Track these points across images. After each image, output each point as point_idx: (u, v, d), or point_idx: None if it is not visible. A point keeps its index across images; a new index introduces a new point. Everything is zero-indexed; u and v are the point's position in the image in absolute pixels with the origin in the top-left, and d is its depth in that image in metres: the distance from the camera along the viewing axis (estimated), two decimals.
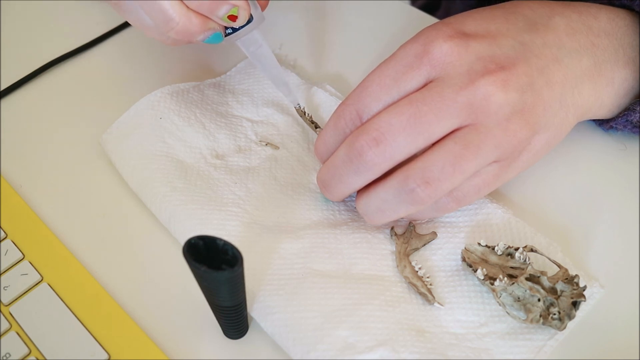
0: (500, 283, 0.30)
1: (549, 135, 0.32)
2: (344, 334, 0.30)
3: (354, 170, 0.31)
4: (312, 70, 0.45)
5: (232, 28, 0.35)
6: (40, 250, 0.35)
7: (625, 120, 0.36)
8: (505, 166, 0.32)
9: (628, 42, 0.35)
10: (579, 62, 0.33)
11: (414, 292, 0.32)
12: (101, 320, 0.32)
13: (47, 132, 0.41)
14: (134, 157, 0.37)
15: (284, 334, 0.30)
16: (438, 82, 0.30)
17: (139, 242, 0.36)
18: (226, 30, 0.35)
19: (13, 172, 0.39)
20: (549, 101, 0.32)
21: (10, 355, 0.30)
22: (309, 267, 0.33)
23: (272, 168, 0.38)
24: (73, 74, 0.45)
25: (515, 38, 0.32)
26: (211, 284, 0.26)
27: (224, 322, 0.30)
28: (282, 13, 0.49)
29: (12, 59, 0.46)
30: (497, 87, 0.30)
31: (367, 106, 0.31)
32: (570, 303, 0.30)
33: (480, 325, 0.31)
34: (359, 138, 0.30)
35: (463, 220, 0.35)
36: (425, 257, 0.34)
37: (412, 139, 0.30)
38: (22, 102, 0.43)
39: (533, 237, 0.33)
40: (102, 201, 0.37)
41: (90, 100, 0.43)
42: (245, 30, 0.36)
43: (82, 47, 0.46)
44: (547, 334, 0.30)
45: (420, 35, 0.32)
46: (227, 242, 0.25)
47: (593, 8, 0.35)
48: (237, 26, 0.35)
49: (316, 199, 0.36)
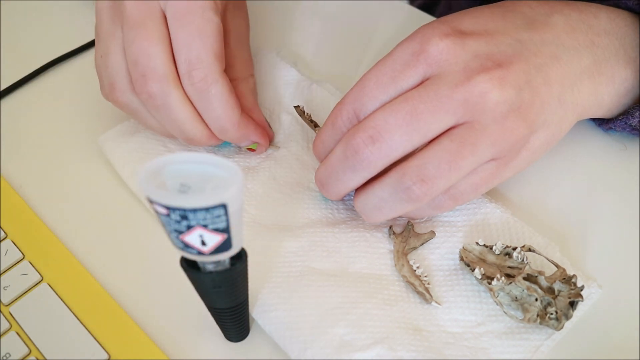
0: (497, 282, 0.30)
1: (547, 134, 0.32)
2: (341, 331, 0.30)
3: (351, 168, 0.31)
4: (312, 70, 0.45)
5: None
6: (40, 250, 0.35)
7: (624, 123, 0.36)
8: (503, 164, 0.31)
9: (628, 41, 0.34)
10: (578, 60, 0.33)
11: (411, 291, 0.32)
12: (101, 320, 0.32)
13: (47, 132, 0.42)
14: (134, 159, 0.38)
15: (281, 332, 0.30)
16: (434, 79, 0.30)
17: (139, 242, 0.36)
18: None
19: (13, 172, 0.39)
20: (547, 99, 0.31)
21: (10, 355, 0.31)
22: (307, 266, 0.33)
23: (271, 167, 0.38)
24: (73, 74, 0.45)
25: (513, 36, 0.32)
26: (206, 286, 0.26)
27: (222, 324, 0.30)
28: (282, 13, 0.49)
29: (12, 59, 0.46)
30: (493, 84, 0.30)
31: (364, 105, 0.31)
32: (567, 303, 0.30)
33: (477, 325, 0.31)
34: (355, 136, 0.30)
35: (461, 220, 0.35)
36: (423, 256, 0.34)
37: (409, 136, 0.30)
38: (22, 102, 0.43)
39: (531, 237, 0.33)
40: (102, 201, 0.38)
41: (90, 100, 0.43)
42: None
43: (82, 47, 0.46)
44: (545, 334, 0.30)
45: (417, 34, 0.31)
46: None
47: (593, 7, 0.35)
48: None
49: (315, 197, 0.37)
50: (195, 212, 0.21)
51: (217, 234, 0.22)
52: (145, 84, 0.33)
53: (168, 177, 0.22)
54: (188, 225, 0.21)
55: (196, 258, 0.24)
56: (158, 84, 0.33)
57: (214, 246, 0.23)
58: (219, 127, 0.35)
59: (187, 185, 0.21)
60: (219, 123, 0.34)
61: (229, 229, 0.22)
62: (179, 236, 0.22)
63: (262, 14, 0.49)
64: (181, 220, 0.21)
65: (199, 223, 0.21)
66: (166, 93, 0.33)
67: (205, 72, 0.33)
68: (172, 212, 0.21)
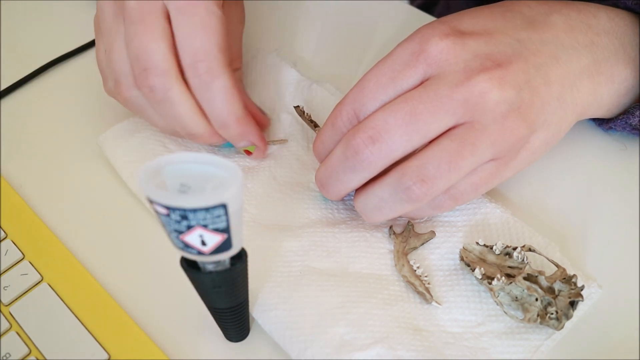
0: (498, 282, 0.30)
1: (547, 133, 0.32)
2: (341, 331, 0.30)
3: (351, 168, 0.31)
4: (312, 70, 0.45)
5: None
6: (40, 250, 0.35)
7: (624, 123, 0.36)
8: (503, 164, 0.31)
9: (628, 41, 0.34)
10: (577, 60, 0.33)
11: (411, 291, 0.32)
12: (101, 320, 0.32)
13: (46, 132, 0.42)
14: (133, 160, 0.38)
15: (281, 331, 0.30)
16: (434, 79, 0.30)
17: (139, 242, 0.36)
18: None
19: (13, 172, 0.39)
20: (547, 99, 0.31)
21: (10, 355, 0.31)
22: (307, 265, 0.33)
23: (271, 167, 0.38)
24: (73, 73, 0.45)
25: (512, 36, 0.32)
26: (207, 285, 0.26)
27: (222, 324, 0.30)
28: (282, 13, 0.49)
29: (12, 59, 0.46)
30: (493, 84, 0.30)
31: (364, 105, 0.31)
32: (567, 303, 0.30)
33: (477, 325, 0.31)
34: (355, 136, 0.30)
35: (461, 220, 0.35)
36: (423, 256, 0.34)
37: (408, 137, 0.30)
38: (22, 102, 0.43)
39: (531, 237, 0.33)
40: (102, 201, 0.38)
41: (90, 100, 0.43)
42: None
43: (82, 47, 0.46)
44: (545, 334, 0.30)
45: (416, 34, 0.32)
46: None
47: (592, 7, 0.35)
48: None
49: (315, 197, 0.37)
50: (195, 212, 0.21)
51: (217, 234, 0.22)
52: (147, 77, 0.32)
53: (168, 177, 0.22)
54: (188, 225, 0.21)
55: (196, 258, 0.24)
56: (159, 77, 0.32)
57: (214, 246, 0.23)
58: (221, 122, 0.34)
59: (187, 185, 0.21)
60: (221, 117, 0.34)
61: (229, 229, 0.22)
62: (179, 236, 0.22)
63: (262, 14, 0.49)
64: (181, 220, 0.21)
65: (199, 223, 0.21)
66: (167, 87, 0.33)
67: (211, 64, 0.33)
68: (172, 212, 0.21)
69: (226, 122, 0.34)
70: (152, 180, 0.21)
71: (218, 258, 0.24)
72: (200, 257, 0.24)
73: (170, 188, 0.22)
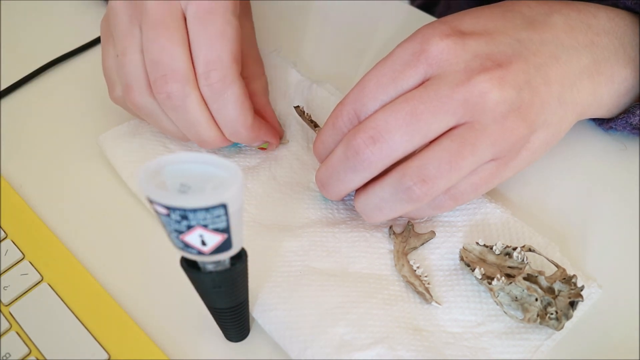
0: (497, 282, 0.30)
1: (547, 133, 0.32)
2: (341, 331, 0.30)
3: (352, 168, 0.31)
4: (312, 70, 0.45)
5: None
6: (40, 250, 0.35)
7: (625, 122, 0.36)
8: (503, 164, 0.31)
9: (628, 41, 0.34)
10: (577, 60, 0.33)
11: (411, 291, 0.32)
12: (101, 320, 0.32)
13: (46, 132, 0.42)
14: (133, 160, 0.38)
15: (281, 331, 0.30)
16: (435, 80, 0.30)
17: (139, 242, 0.36)
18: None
19: (13, 172, 0.39)
20: (547, 98, 0.32)
21: (10, 355, 0.31)
22: (307, 265, 0.33)
23: (271, 167, 0.38)
24: (73, 74, 0.45)
25: (513, 36, 0.32)
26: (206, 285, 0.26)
27: (222, 324, 0.30)
28: (282, 13, 0.49)
29: (12, 59, 0.46)
30: (493, 84, 0.30)
31: (365, 105, 0.31)
32: (567, 303, 0.30)
33: (477, 325, 0.31)
34: (355, 137, 0.30)
35: (461, 220, 0.35)
36: (423, 256, 0.34)
37: (409, 137, 0.30)
38: (22, 102, 0.44)
39: (531, 237, 0.33)
40: (102, 201, 0.38)
41: (90, 100, 0.43)
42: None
43: (82, 47, 0.46)
44: (545, 334, 0.30)
45: (417, 34, 0.32)
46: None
47: (592, 7, 0.35)
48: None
49: (315, 197, 0.37)
50: (195, 212, 0.21)
51: (217, 234, 0.22)
52: (166, 83, 0.32)
53: (168, 177, 0.22)
54: (188, 225, 0.21)
55: (196, 258, 0.24)
56: (178, 84, 0.32)
57: (214, 246, 0.23)
58: (232, 130, 0.34)
59: (187, 185, 0.21)
60: (232, 125, 0.34)
61: (229, 229, 0.22)
62: (179, 236, 0.22)
63: (262, 14, 0.49)
64: (181, 220, 0.21)
65: (199, 223, 0.21)
66: (185, 94, 0.33)
67: (224, 73, 0.33)
68: (172, 212, 0.21)
69: (237, 130, 0.34)
70: (152, 180, 0.21)
71: (218, 258, 0.24)
72: (200, 257, 0.24)
73: (170, 188, 0.22)
